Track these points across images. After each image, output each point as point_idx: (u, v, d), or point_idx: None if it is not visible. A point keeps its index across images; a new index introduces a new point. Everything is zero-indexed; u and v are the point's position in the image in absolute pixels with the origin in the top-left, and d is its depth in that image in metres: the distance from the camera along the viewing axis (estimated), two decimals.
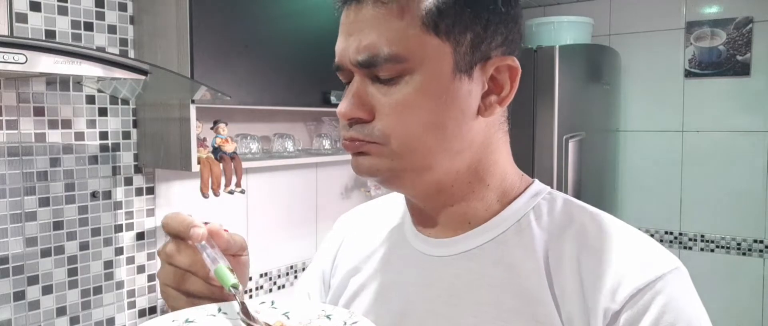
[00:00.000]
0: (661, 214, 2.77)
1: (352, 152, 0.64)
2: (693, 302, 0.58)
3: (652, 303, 0.56)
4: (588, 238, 0.62)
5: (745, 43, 2.55)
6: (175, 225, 0.56)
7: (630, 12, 2.78)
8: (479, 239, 0.65)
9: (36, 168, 1.50)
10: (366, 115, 0.61)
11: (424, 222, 0.69)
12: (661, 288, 0.56)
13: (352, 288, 0.74)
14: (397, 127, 0.60)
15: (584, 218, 0.64)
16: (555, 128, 2.18)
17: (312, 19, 1.83)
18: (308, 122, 2.17)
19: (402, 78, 0.60)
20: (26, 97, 1.47)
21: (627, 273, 0.57)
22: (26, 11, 1.45)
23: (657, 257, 0.59)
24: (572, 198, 0.68)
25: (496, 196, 0.66)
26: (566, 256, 0.61)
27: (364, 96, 0.61)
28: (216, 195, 1.64)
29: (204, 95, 1.54)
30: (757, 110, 2.55)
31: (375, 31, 0.59)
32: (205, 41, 1.55)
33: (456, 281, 0.64)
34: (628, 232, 0.63)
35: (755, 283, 2.58)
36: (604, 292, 0.57)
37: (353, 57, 0.60)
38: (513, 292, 0.61)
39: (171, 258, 0.56)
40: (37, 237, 1.51)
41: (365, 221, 0.81)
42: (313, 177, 2.27)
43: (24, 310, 1.49)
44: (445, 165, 0.63)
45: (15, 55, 1.10)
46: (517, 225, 0.64)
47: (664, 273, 0.57)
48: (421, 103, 0.60)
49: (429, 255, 0.67)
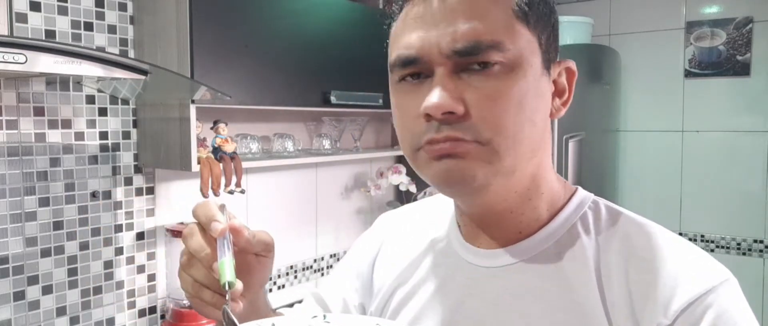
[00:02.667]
0: (661, 214, 2.77)
1: (441, 154, 0.56)
2: (745, 314, 0.57)
3: (703, 316, 0.54)
4: (635, 249, 0.60)
5: (745, 43, 2.55)
6: (200, 213, 0.57)
7: (630, 12, 2.78)
8: (529, 251, 0.63)
9: (36, 168, 1.50)
10: (461, 108, 0.55)
11: (475, 232, 0.67)
12: (712, 301, 0.55)
13: (398, 297, 0.72)
14: (502, 123, 0.55)
15: (630, 227, 0.63)
16: (555, 128, 2.18)
17: (312, 19, 1.83)
18: (308, 122, 2.17)
19: (498, 68, 0.55)
20: (26, 97, 1.47)
21: (677, 286, 0.56)
22: (26, 11, 1.45)
23: (707, 269, 0.58)
24: (613, 205, 0.67)
25: (546, 206, 0.64)
26: (614, 268, 0.59)
27: (454, 89, 0.55)
28: (216, 195, 1.64)
29: (204, 95, 1.54)
30: (757, 110, 2.55)
31: (470, 17, 0.55)
32: (205, 41, 1.55)
33: (505, 293, 0.62)
34: (676, 242, 0.61)
35: (755, 283, 2.58)
36: (655, 306, 0.56)
37: (449, 46, 0.55)
38: (564, 306, 0.59)
39: (185, 239, 0.58)
40: (37, 237, 1.51)
41: (408, 226, 0.78)
42: (313, 177, 2.27)
43: (24, 310, 1.49)
44: (526, 169, 0.60)
45: (15, 55, 1.10)
46: (567, 236, 0.63)
47: (715, 286, 0.56)
48: (520, 99, 0.56)
49: (477, 266, 0.65)
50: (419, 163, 0.59)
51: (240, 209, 2.00)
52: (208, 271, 0.56)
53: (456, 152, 0.56)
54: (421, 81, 0.58)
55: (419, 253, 0.72)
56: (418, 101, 0.57)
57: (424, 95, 0.56)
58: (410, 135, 0.59)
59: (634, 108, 2.81)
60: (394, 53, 0.60)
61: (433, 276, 0.69)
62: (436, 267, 0.70)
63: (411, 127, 0.59)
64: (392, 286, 0.73)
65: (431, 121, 0.56)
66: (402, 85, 0.60)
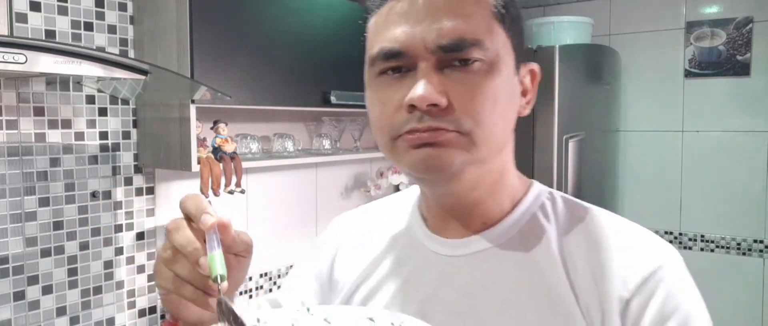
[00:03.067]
0: (661, 214, 2.77)
1: (421, 143, 0.60)
2: (689, 282, 0.64)
3: (657, 289, 0.61)
4: (592, 233, 0.65)
5: (745, 43, 2.55)
6: (190, 206, 0.56)
7: (630, 12, 2.78)
8: (496, 239, 0.67)
9: (36, 168, 1.50)
10: (445, 101, 0.58)
11: (442, 223, 0.70)
12: (663, 275, 0.61)
13: (362, 294, 0.73)
14: (481, 117, 0.59)
15: (584, 214, 0.68)
16: (555, 128, 2.18)
17: (312, 19, 1.83)
18: (308, 122, 2.17)
19: (478, 65, 0.59)
20: (26, 97, 1.47)
21: (632, 264, 0.62)
22: (26, 11, 1.45)
23: (656, 246, 0.64)
24: (568, 196, 0.72)
25: (508, 198, 0.68)
26: (575, 251, 0.64)
27: (437, 83, 0.59)
28: (216, 195, 1.64)
29: (204, 95, 1.54)
30: (757, 110, 2.55)
31: (454, 15, 0.59)
32: (205, 41, 1.55)
33: (475, 280, 0.66)
34: (625, 225, 0.67)
35: (755, 283, 2.58)
36: (616, 282, 0.61)
37: (434, 41, 0.58)
38: (534, 288, 0.63)
39: (169, 233, 0.56)
40: (37, 237, 1.51)
41: (366, 225, 0.80)
42: (313, 177, 2.27)
43: (24, 310, 1.49)
44: (494, 161, 0.65)
45: (15, 55, 1.10)
46: (529, 224, 0.67)
47: (665, 262, 0.63)
48: (497, 95, 0.61)
49: (446, 255, 0.68)
50: (397, 152, 0.62)
51: (240, 209, 2.00)
52: (193, 266, 0.54)
53: (436, 141, 0.59)
54: (403, 75, 0.61)
55: (382, 250, 0.74)
56: (401, 94, 0.60)
57: (406, 88, 0.59)
58: (389, 125, 0.62)
59: (634, 108, 2.81)
60: (377, 46, 0.62)
61: (400, 270, 0.71)
62: (402, 261, 0.72)
63: (390, 117, 0.61)
64: (354, 284, 0.74)
65: (414, 112, 0.59)
66: (383, 78, 0.62)
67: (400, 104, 0.60)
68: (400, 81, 0.61)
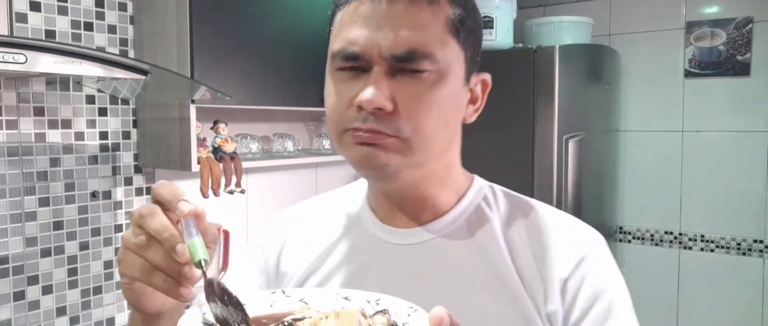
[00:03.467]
0: (661, 214, 2.77)
1: (362, 142, 0.64)
2: (613, 263, 0.73)
3: (589, 269, 0.69)
4: (531, 221, 0.73)
5: (745, 43, 2.55)
6: (165, 193, 0.55)
7: (630, 12, 2.78)
8: (445, 228, 0.72)
9: (36, 168, 1.50)
10: (391, 106, 0.62)
11: (392, 214, 0.74)
12: (595, 257, 0.71)
13: (314, 282, 0.75)
14: (422, 125, 0.64)
15: (522, 204, 0.76)
16: (555, 128, 2.18)
17: (312, 19, 1.83)
18: (308, 122, 2.17)
19: (427, 75, 0.64)
20: (26, 97, 1.47)
21: (568, 248, 0.70)
22: (26, 11, 1.45)
23: (586, 232, 0.73)
24: (506, 189, 0.79)
25: (455, 192, 0.74)
26: (517, 237, 0.72)
27: (386, 88, 0.63)
28: (216, 195, 1.64)
29: (204, 95, 1.54)
30: (757, 110, 2.55)
31: (411, 26, 0.63)
32: (205, 41, 1.55)
33: (427, 267, 0.70)
34: (559, 214, 0.75)
35: (755, 283, 2.58)
36: (555, 264, 0.69)
37: (389, 50, 0.62)
38: (482, 272, 0.69)
39: (142, 219, 0.54)
40: (37, 237, 1.51)
41: (314, 217, 0.82)
42: (313, 177, 2.27)
43: (24, 310, 1.49)
44: (437, 162, 0.70)
45: (15, 55, 1.10)
46: (474, 214, 0.74)
47: (595, 245, 0.72)
48: (441, 105, 0.65)
49: (398, 244, 0.73)
50: (344, 144, 0.67)
51: (240, 209, 2.00)
52: (169, 253, 0.53)
53: (375, 142, 0.64)
54: (358, 73, 0.65)
55: (333, 240, 0.77)
56: (353, 91, 0.64)
57: (359, 87, 0.64)
58: (339, 118, 0.66)
59: (634, 108, 2.81)
60: (339, 44, 0.66)
61: (352, 259, 0.74)
62: (354, 250, 0.75)
63: (342, 111, 0.66)
64: (304, 273, 0.76)
65: (361, 112, 0.63)
66: (341, 72, 0.67)
67: (352, 101, 0.64)
68: (355, 79, 0.65)
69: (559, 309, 0.68)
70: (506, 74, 2.30)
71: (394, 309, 0.54)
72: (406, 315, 0.53)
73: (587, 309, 0.68)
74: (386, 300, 0.56)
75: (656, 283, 2.77)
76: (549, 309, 0.68)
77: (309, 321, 0.51)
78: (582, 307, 0.68)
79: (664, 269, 2.76)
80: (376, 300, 0.56)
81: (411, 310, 0.53)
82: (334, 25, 0.69)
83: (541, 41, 2.51)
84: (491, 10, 2.33)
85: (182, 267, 0.53)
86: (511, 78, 2.25)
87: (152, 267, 0.54)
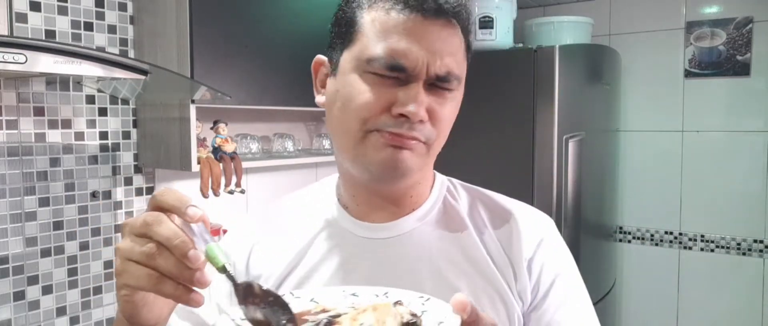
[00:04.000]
0: (661, 214, 2.77)
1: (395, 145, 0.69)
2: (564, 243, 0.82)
3: (548, 249, 0.78)
4: (490, 208, 0.81)
5: (745, 43, 2.55)
6: (171, 199, 0.54)
7: (630, 12, 2.78)
8: (420, 219, 0.78)
9: (36, 168, 1.50)
10: (427, 117, 0.69)
11: (366, 210, 0.78)
12: (551, 238, 0.80)
13: (294, 280, 0.75)
14: (442, 133, 0.73)
15: (477, 194, 0.83)
16: (555, 128, 2.18)
17: (312, 19, 1.83)
18: (308, 122, 2.17)
19: (452, 93, 0.72)
20: (26, 97, 1.47)
21: (528, 230, 0.78)
22: (26, 11, 1.45)
23: (540, 215, 0.82)
24: (461, 181, 0.85)
25: (427, 186, 0.80)
26: (481, 224, 0.79)
27: (425, 101, 0.69)
28: (216, 195, 1.64)
29: (204, 95, 1.54)
30: (757, 110, 2.55)
31: (449, 50, 0.70)
32: (205, 41, 1.55)
33: (410, 256, 0.75)
34: (512, 200, 0.83)
35: (755, 283, 2.58)
36: (520, 246, 0.77)
37: (437, 70, 0.68)
38: (459, 257, 0.75)
39: (149, 227, 0.53)
40: (37, 237, 1.51)
41: (281, 218, 0.82)
42: (313, 178, 2.27)
43: (24, 310, 1.49)
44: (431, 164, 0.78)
45: (15, 55, 1.10)
46: (442, 205, 0.80)
47: (550, 226, 0.81)
48: (453, 115, 0.74)
49: (377, 238, 0.76)
50: (367, 143, 0.70)
51: (240, 209, 2.00)
52: (180, 260, 0.52)
53: (405, 146, 0.69)
54: (395, 80, 0.68)
55: (306, 240, 0.78)
56: (389, 97, 0.68)
57: (396, 94, 0.68)
58: (369, 118, 0.69)
59: (634, 108, 2.81)
60: (382, 50, 0.68)
61: (331, 255, 0.76)
62: (332, 247, 0.77)
63: (376, 112, 0.69)
64: (281, 274, 0.76)
65: (401, 119, 0.68)
66: (373, 75, 0.69)
67: (386, 106, 0.68)
68: (391, 86, 0.68)
69: (526, 286, 0.76)
70: (506, 74, 2.30)
71: (406, 300, 0.55)
72: (420, 304, 0.54)
73: (550, 285, 0.77)
74: (394, 292, 0.57)
75: (656, 283, 2.77)
76: (519, 288, 0.75)
77: (348, 316, 0.52)
78: (545, 284, 0.76)
79: (664, 269, 2.76)
80: (384, 293, 0.58)
81: (422, 299, 0.55)
82: (360, 25, 0.71)
83: (541, 41, 2.50)
84: (491, 10, 2.33)
85: (195, 273, 0.52)
86: (511, 78, 2.25)
87: (161, 276, 0.53)
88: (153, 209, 0.55)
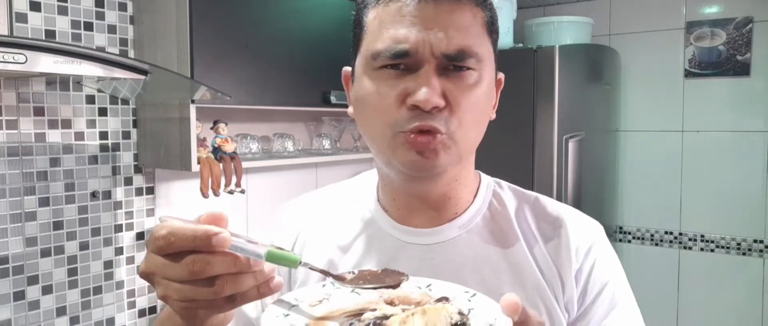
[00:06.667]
0: (661, 214, 2.77)
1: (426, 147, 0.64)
2: (613, 251, 0.78)
3: (597, 256, 0.74)
4: (537, 213, 0.76)
5: (745, 43, 2.55)
6: (186, 240, 0.47)
7: (630, 12, 2.78)
8: (464, 226, 0.74)
9: (36, 168, 1.50)
10: (443, 102, 0.63)
11: (406, 213, 0.74)
12: (600, 245, 0.75)
13: None
14: (465, 120, 0.65)
15: (526, 197, 0.79)
16: (555, 128, 2.18)
17: (312, 19, 1.83)
18: (308, 122, 2.17)
19: (470, 73, 0.65)
20: (26, 97, 1.47)
21: (577, 238, 0.74)
22: (26, 11, 1.45)
23: (590, 222, 0.78)
24: (510, 184, 0.81)
25: (471, 190, 0.76)
26: (529, 230, 0.75)
27: (438, 85, 0.63)
28: (216, 195, 1.64)
29: (204, 95, 1.54)
30: (757, 110, 2.55)
31: (457, 27, 0.64)
32: (205, 41, 1.55)
33: (451, 263, 0.71)
34: (563, 206, 0.79)
35: (755, 283, 2.58)
36: (567, 254, 0.73)
37: (442, 49, 0.63)
38: (505, 266, 0.72)
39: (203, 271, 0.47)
40: (37, 237, 1.51)
41: (323, 213, 0.80)
42: (313, 177, 2.27)
43: (24, 310, 1.49)
44: (467, 160, 0.73)
45: (15, 55, 1.10)
46: (488, 210, 0.76)
47: (599, 234, 0.77)
48: (479, 102, 0.67)
49: (420, 244, 0.73)
50: (396, 147, 0.66)
51: (240, 209, 2.00)
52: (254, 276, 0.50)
53: (428, 147, 0.64)
54: (402, 71, 0.65)
55: (348, 240, 0.76)
56: (398, 89, 0.64)
57: (404, 85, 0.64)
58: (390, 119, 0.65)
59: (634, 108, 2.81)
60: (384, 43, 0.65)
61: (371, 257, 0.74)
62: (372, 249, 0.74)
63: (392, 112, 0.65)
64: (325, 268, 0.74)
65: (413, 111, 0.63)
66: (382, 71, 0.66)
67: (400, 100, 0.64)
68: (400, 77, 0.65)
69: (573, 296, 0.72)
70: (506, 74, 2.29)
71: (452, 294, 0.54)
72: (466, 300, 0.53)
73: (597, 295, 0.73)
74: (437, 284, 0.56)
75: (656, 283, 2.77)
76: (566, 299, 0.72)
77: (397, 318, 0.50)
78: (593, 294, 0.73)
79: (664, 269, 2.76)
80: (427, 285, 0.56)
81: (468, 294, 0.53)
82: (366, 25, 0.68)
83: (541, 41, 2.51)
84: None
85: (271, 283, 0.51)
86: (511, 78, 2.23)
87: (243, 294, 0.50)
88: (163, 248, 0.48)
